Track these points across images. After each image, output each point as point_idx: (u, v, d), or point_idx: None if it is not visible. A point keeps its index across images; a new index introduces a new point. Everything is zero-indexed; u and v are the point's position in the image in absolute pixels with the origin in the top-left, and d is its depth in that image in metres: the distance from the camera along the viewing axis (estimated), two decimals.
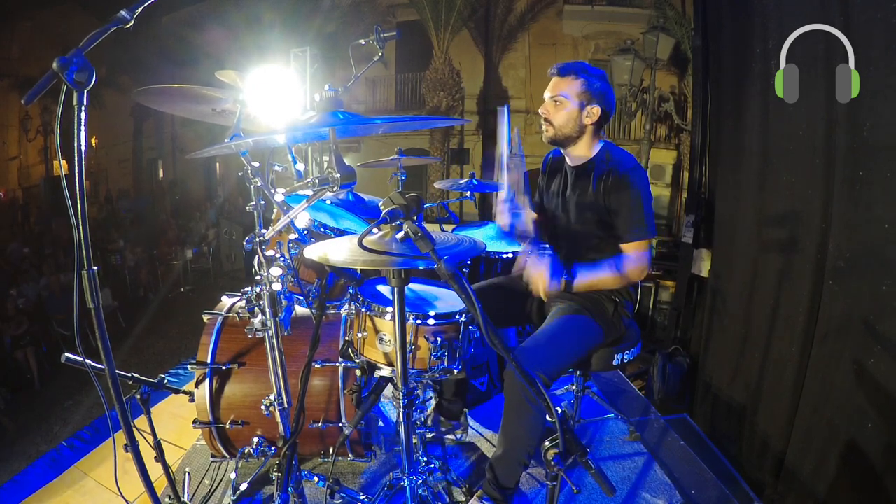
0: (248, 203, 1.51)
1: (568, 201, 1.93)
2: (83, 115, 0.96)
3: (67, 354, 1.41)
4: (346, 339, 1.90)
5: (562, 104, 1.82)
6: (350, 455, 2.04)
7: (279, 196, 1.52)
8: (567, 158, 1.96)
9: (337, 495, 1.82)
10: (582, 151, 1.88)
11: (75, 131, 0.96)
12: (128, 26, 1.02)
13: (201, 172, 14.72)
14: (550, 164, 2.09)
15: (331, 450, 1.96)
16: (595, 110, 1.81)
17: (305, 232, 1.71)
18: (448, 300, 1.85)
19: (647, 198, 1.77)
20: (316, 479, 1.94)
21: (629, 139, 10.61)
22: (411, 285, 1.96)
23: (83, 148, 0.97)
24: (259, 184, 1.48)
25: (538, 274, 1.76)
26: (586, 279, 1.79)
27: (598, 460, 2.23)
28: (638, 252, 1.77)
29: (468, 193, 3.18)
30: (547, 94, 1.86)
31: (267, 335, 1.51)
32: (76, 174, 0.96)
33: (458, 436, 2.28)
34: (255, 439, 1.91)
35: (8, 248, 8.78)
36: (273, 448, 1.91)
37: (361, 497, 1.89)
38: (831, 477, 2.17)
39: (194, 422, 1.93)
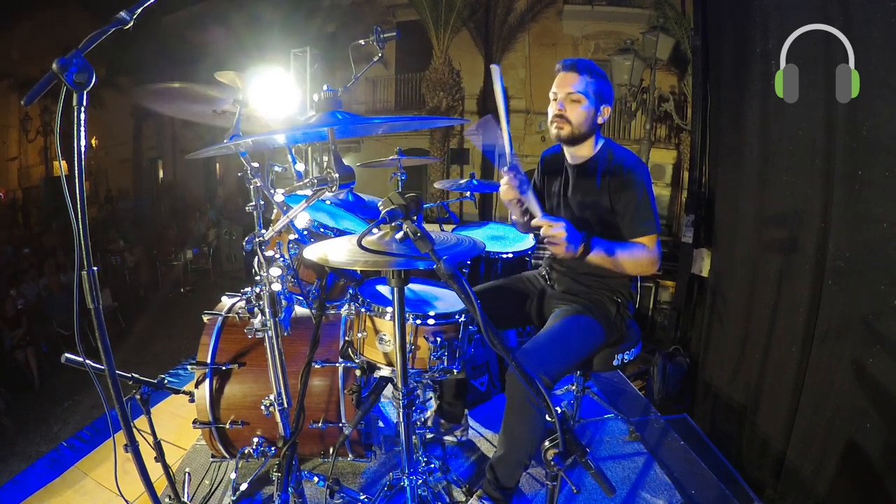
0: (248, 203, 1.51)
1: (569, 200, 1.90)
2: (83, 115, 0.96)
3: (67, 354, 1.42)
4: (346, 339, 1.90)
5: (579, 101, 1.76)
6: (350, 455, 2.04)
7: (279, 196, 1.52)
8: (568, 157, 1.91)
9: (337, 495, 1.82)
10: (585, 150, 1.86)
11: (75, 132, 0.96)
12: (127, 27, 1.02)
13: (201, 172, 14.73)
14: (547, 164, 2.04)
15: (331, 450, 1.96)
16: (607, 110, 1.81)
17: (305, 232, 1.71)
18: (448, 300, 1.84)
19: (651, 193, 1.77)
20: (316, 479, 1.94)
21: (629, 139, 10.61)
22: (411, 285, 1.96)
23: (83, 148, 0.97)
24: (259, 184, 1.48)
25: (557, 234, 1.60)
26: (602, 252, 1.67)
27: (598, 460, 2.23)
28: (649, 245, 1.75)
29: (468, 193, 3.18)
30: (559, 90, 1.78)
31: (267, 335, 1.51)
32: (76, 174, 0.96)
33: (459, 436, 2.28)
34: (255, 439, 1.91)
35: (7, 248, 8.77)
36: (273, 448, 1.91)
37: (361, 497, 1.89)
38: (831, 477, 2.17)
39: (194, 422, 1.93)
